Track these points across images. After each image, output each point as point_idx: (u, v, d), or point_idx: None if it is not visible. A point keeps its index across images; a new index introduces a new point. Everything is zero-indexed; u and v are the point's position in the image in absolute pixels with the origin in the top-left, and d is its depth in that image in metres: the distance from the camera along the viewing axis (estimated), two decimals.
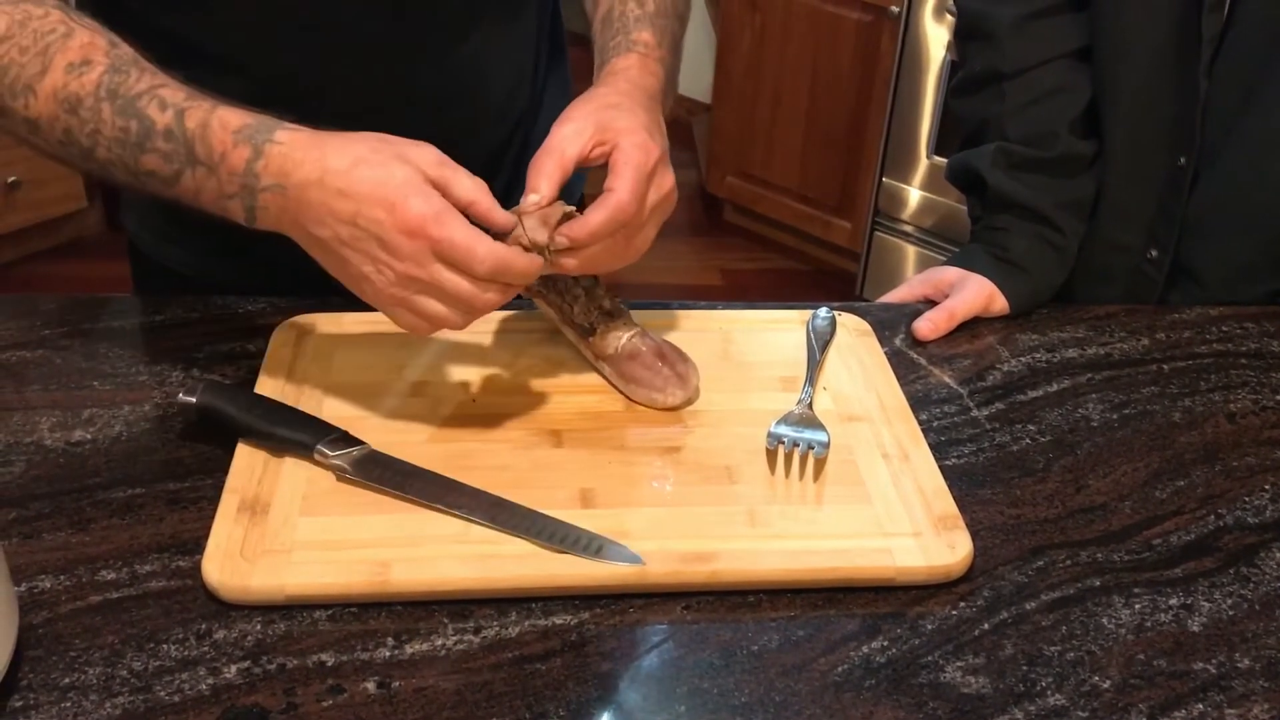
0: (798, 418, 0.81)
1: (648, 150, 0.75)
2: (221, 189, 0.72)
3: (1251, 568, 0.73)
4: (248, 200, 0.71)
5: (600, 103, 0.78)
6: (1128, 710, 0.63)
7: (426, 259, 0.68)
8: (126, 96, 0.72)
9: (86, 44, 0.73)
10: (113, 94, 0.72)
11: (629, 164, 0.74)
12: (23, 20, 0.73)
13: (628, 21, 0.85)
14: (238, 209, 0.72)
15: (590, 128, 0.75)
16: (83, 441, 0.77)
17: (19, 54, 0.72)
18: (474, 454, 0.77)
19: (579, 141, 0.75)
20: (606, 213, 0.73)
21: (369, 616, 0.66)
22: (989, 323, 0.98)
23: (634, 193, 0.73)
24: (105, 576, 0.67)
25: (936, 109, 2.41)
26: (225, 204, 0.72)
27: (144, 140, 0.72)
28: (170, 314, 0.91)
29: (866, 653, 0.66)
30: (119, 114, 0.72)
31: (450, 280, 0.69)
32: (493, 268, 0.69)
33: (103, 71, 0.72)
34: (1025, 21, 1.01)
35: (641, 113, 0.77)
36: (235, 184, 0.71)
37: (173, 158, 0.72)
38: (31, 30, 0.72)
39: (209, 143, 0.71)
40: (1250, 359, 0.95)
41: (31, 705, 0.60)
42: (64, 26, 0.73)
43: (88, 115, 0.72)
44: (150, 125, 0.71)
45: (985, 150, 1.04)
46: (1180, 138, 0.99)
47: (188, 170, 0.72)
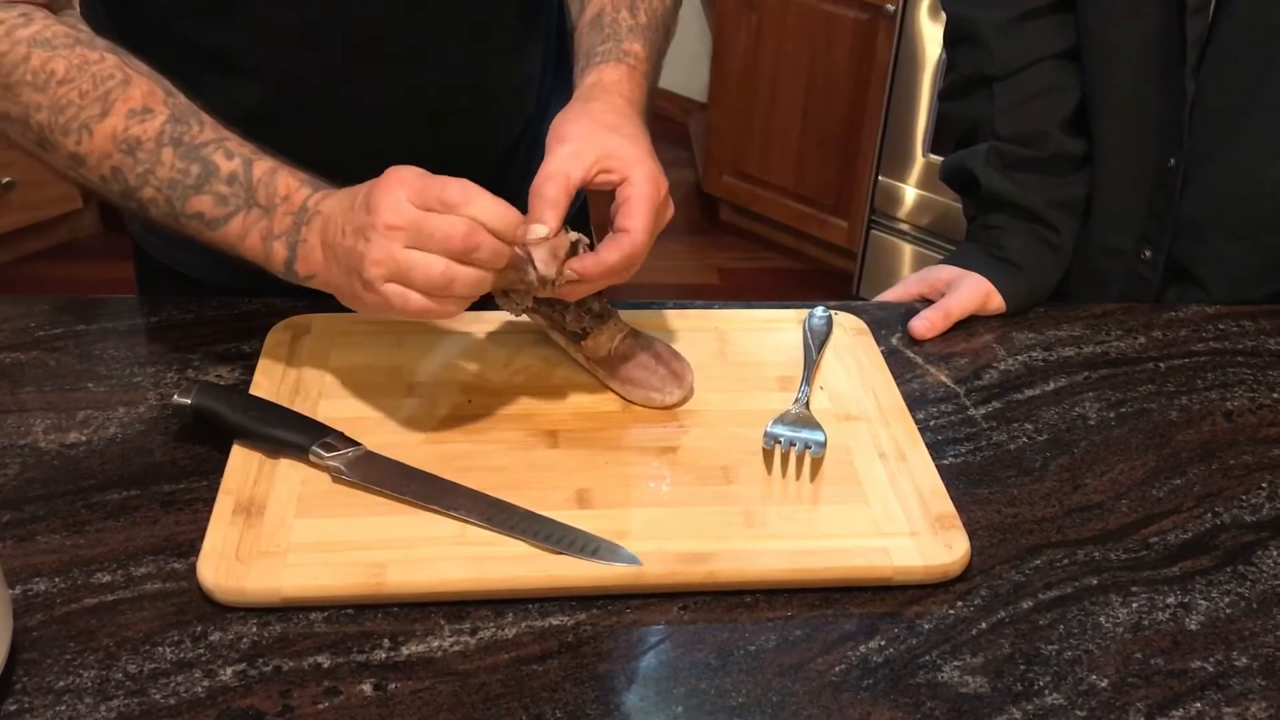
0: (794, 417, 0.80)
1: (658, 184, 0.75)
2: (272, 229, 0.75)
3: (1249, 566, 0.73)
4: (293, 238, 0.75)
5: (601, 122, 0.77)
6: (1125, 709, 0.63)
7: (403, 205, 0.68)
8: (191, 144, 0.75)
9: (147, 92, 0.76)
10: (176, 141, 0.75)
11: (643, 201, 0.73)
12: (80, 65, 0.75)
13: (620, 29, 0.84)
14: (281, 249, 0.75)
15: (592, 151, 0.74)
16: (77, 443, 0.77)
17: (78, 96, 0.75)
18: (470, 455, 0.77)
19: (581, 165, 0.74)
20: (621, 253, 0.73)
21: (365, 618, 0.66)
22: (985, 321, 0.98)
23: (648, 231, 0.73)
24: (100, 579, 0.67)
25: (932, 108, 2.41)
26: (270, 245, 0.75)
27: (202, 183, 0.75)
28: (165, 315, 0.91)
29: (864, 653, 0.65)
30: (181, 158, 0.75)
31: (425, 218, 0.68)
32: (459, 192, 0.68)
33: (165, 120, 0.76)
34: (1012, 24, 1.01)
35: (643, 138, 0.77)
36: (288, 222, 0.74)
37: (229, 200, 0.75)
38: (91, 74, 0.75)
39: (274, 186, 0.75)
40: (1247, 357, 0.95)
41: (26, 709, 0.59)
42: (121, 73, 0.76)
43: (145, 157, 0.75)
44: (214, 169, 0.75)
45: (978, 150, 1.04)
46: (1169, 140, 0.99)
47: (241, 213, 0.75)
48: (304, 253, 0.74)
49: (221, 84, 0.86)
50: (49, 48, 0.75)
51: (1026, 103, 1.02)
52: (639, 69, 0.83)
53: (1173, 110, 0.98)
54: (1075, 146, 1.03)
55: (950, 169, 1.09)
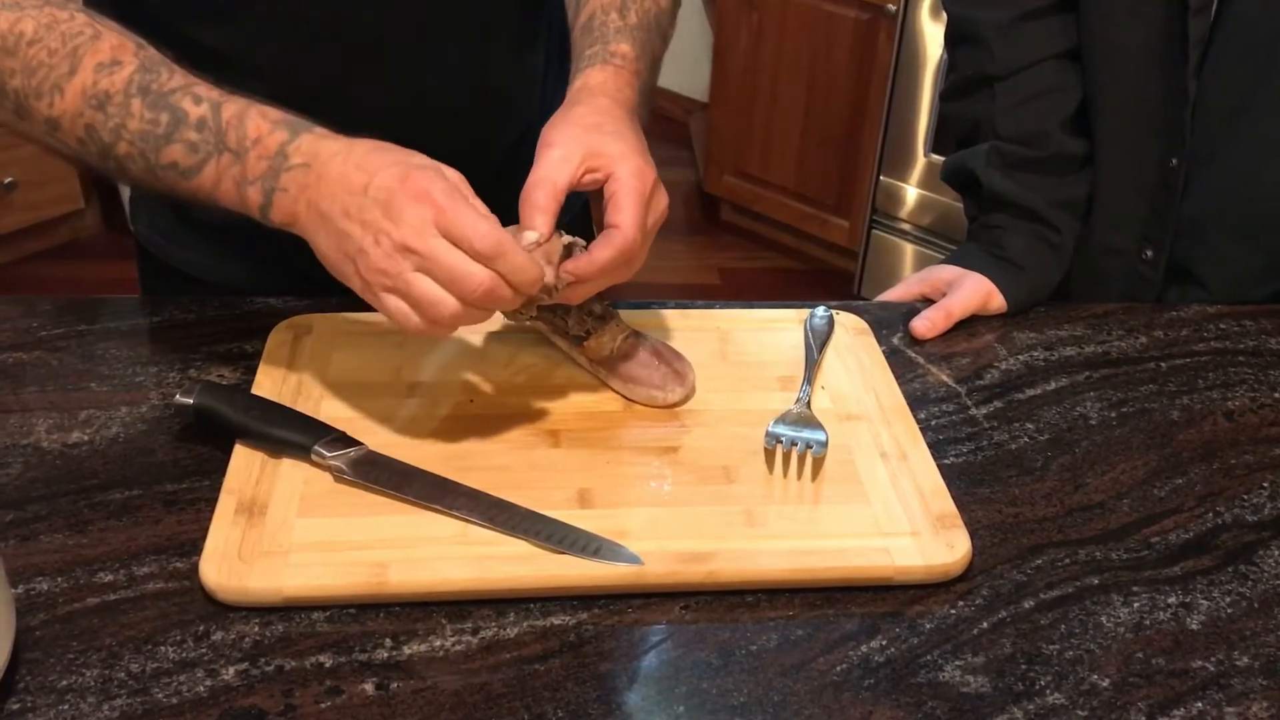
0: (796, 417, 0.81)
1: (644, 177, 0.75)
2: (245, 174, 0.72)
3: (1250, 566, 0.73)
4: (269, 184, 0.72)
5: (584, 124, 0.77)
6: (1126, 709, 0.63)
7: (428, 229, 0.67)
8: (159, 92, 0.73)
9: (116, 45, 0.74)
10: (144, 90, 0.73)
11: (630, 195, 0.73)
12: (49, 24, 0.74)
13: (607, 31, 0.84)
14: (255, 195, 0.72)
15: (579, 152, 0.74)
16: (80, 443, 0.77)
17: (48, 56, 0.73)
18: (472, 454, 0.77)
19: (568, 168, 0.74)
20: (613, 250, 0.73)
21: (367, 618, 0.66)
22: (987, 321, 0.98)
23: (638, 225, 0.73)
24: (103, 578, 0.67)
25: (934, 107, 2.41)
26: (244, 191, 0.72)
27: (172, 131, 0.73)
28: (167, 315, 0.91)
29: (865, 652, 0.65)
30: (149, 108, 0.73)
31: (446, 254, 0.67)
32: (494, 244, 0.67)
33: (133, 70, 0.73)
34: (1013, 24, 1.01)
35: (629, 134, 0.77)
36: (262, 166, 0.72)
37: (199, 147, 0.72)
38: (60, 33, 0.74)
39: (244, 129, 0.72)
40: (1248, 357, 0.95)
41: (29, 708, 0.60)
42: (91, 29, 0.74)
43: (115, 110, 0.73)
44: (183, 116, 0.72)
45: (979, 150, 1.04)
46: (1170, 140, 0.99)
47: (213, 159, 0.72)
48: (282, 201, 0.72)
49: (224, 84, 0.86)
50: (18, 9, 0.73)
51: (1028, 103, 1.02)
52: (626, 69, 0.83)
53: (1174, 110, 0.98)
54: (1076, 146, 1.03)
55: (951, 169, 1.09)
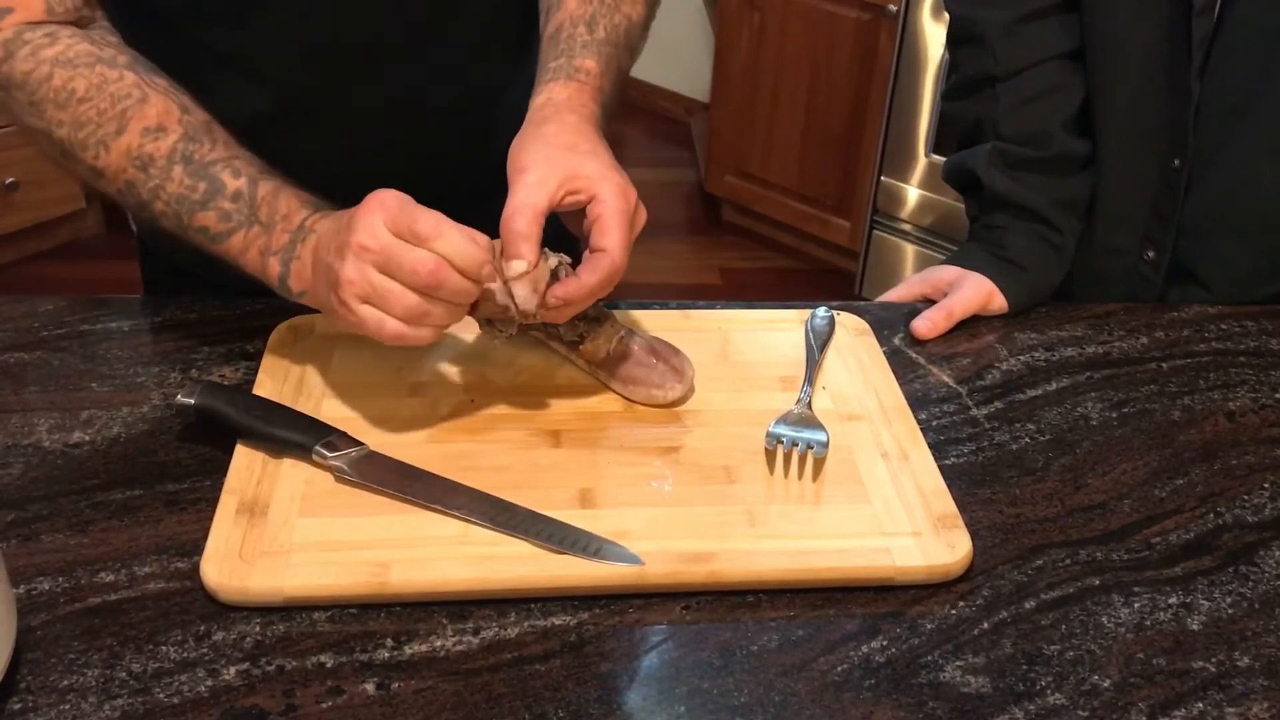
0: (797, 417, 0.81)
1: (626, 196, 0.75)
2: (270, 245, 0.76)
3: (1251, 566, 0.73)
4: (288, 254, 0.76)
5: (557, 144, 0.76)
6: (1127, 709, 0.63)
7: (380, 229, 0.69)
8: (200, 162, 0.77)
9: (162, 111, 0.77)
10: (186, 159, 0.77)
11: (614, 216, 0.74)
12: (99, 84, 0.77)
13: (574, 45, 0.84)
14: (276, 265, 0.76)
15: (555, 176, 0.74)
16: (81, 443, 0.77)
17: (96, 115, 0.77)
18: (472, 454, 0.77)
19: (546, 192, 0.74)
20: (601, 273, 0.73)
21: (368, 618, 0.66)
22: (988, 321, 0.98)
23: (624, 246, 0.74)
24: (104, 578, 0.67)
25: (935, 108, 2.41)
26: (267, 261, 0.76)
27: (208, 200, 0.77)
28: (168, 315, 0.91)
29: (866, 652, 0.66)
30: (189, 175, 0.77)
31: (395, 245, 0.69)
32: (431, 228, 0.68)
33: (177, 139, 0.77)
34: (1016, 24, 1.01)
35: (603, 152, 0.77)
36: (284, 239, 0.76)
37: (232, 216, 0.77)
38: (109, 94, 0.77)
39: (276, 205, 0.76)
40: (1249, 357, 0.95)
41: (30, 707, 0.60)
42: (139, 91, 0.78)
43: (156, 174, 0.77)
44: (220, 187, 0.77)
45: (981, 150, 1.04)
46: (1173, 141, 0.99)
47: (242, 229, 0.77)
48: (296, 269, 0.76)
49: (231, 88, 0.87)
50: (70, 67, 0.77)
51: (1030, 103, 1.02)
52: (589, 84, 0.82)
53: (1177, 111, 0.98)
54: (1078, 147, 1.03)
55: (953, 169, 1.09)
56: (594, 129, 0.79)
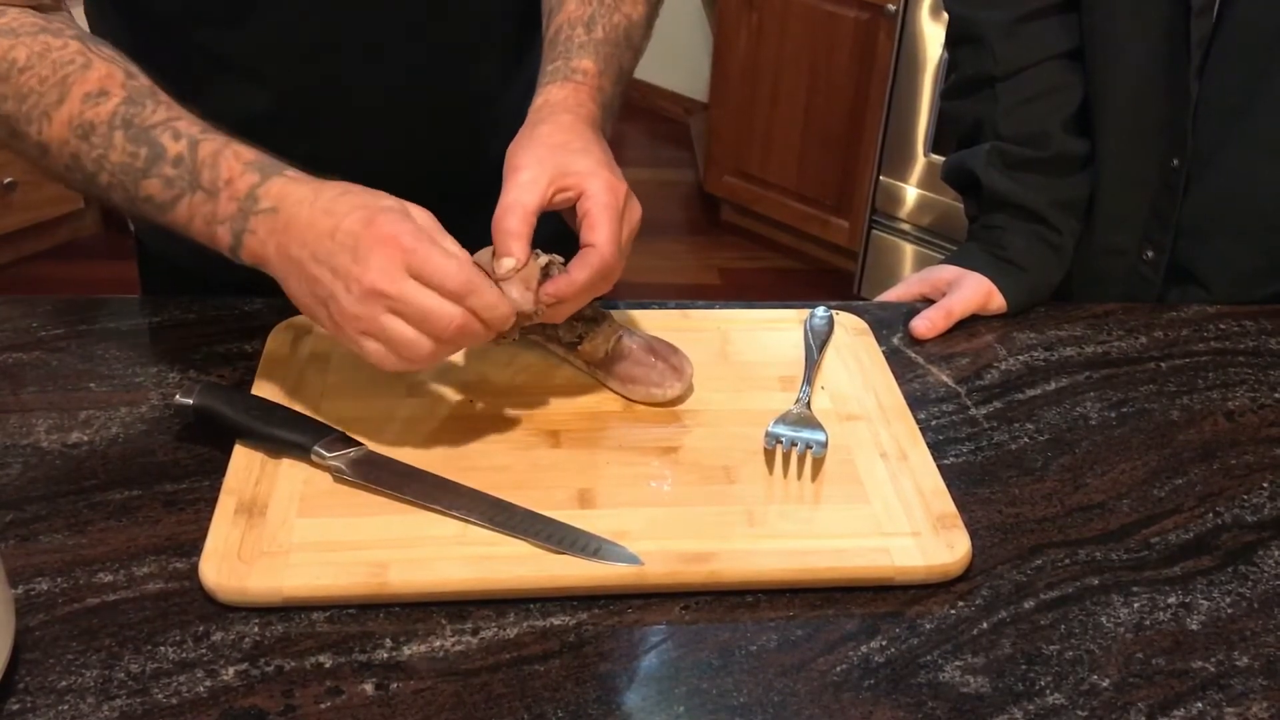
0: (796, 417, 0.81)
1: (616, 191, 0.74)
2: (216, 214, 0.73)
3: (1250, 566, 0.73)
4: (238, 225, 0.72)
5: (549, 143, 0.76)
6: (1127, 709, 0.63)
7: (397, 272, 0.68)
8: (140, 126, 0.74)
9: (104, 75, 0.74)
10: (127, 123, 0.74)
11: (603, 211, 0.73)
12: (42, 51, 0.74)
13: (571, 47, 0.84)
14: (225, 235, 0.73)
15: (546, 174, 0.74)
16: (79, 443, 0.77)
17: (38, 83, 0.74)
18: (471, 454, 0.77)
19: (538, 190, 0.74)
20: (591, 270, 0.73)
21: (367, 618, 0.66)
22: (987, 321, 0.98)
23: (613, 241, 0.73)
24: (102, 579, 0.67)
25: (934, 107, 2.41)
26: (214, 229, 0.73)
27: (150, 166, 0.73)
28: (167, 315, 0.91)
29: (865, 652, 0.65)
30: (130, 141, 0.73)
31: (417, 294, 0.68)
32: (464, 283, 0.68)
33: (119, 102, 0.74)
34: (1015, 24, 1.01)
35: (595, 149, 0.77)
36: (232, 208, 0.72)
37: (175, 183, 0.73)
38: (51, 61, 0.74)
39: (218, 169, 0.73)
40: (1248, 357, 0.95)
41: (29, 708, 0.60)
42: (82, 57, 0.75)
43: (98, 141, 0.74)
44: (161, 152, 0.73)
45: (980, 150, 1.04)
46: (1172, 140, 0.99)
47: (187, 195, 0.73)
48: (250, 243, 0.72)
49: (229, 89, 0.87)
50: (13, 36, 0.75)
51: (1029, 103, 1.02)
52: (587, 84, 0.82)
53: (1176, 111, 0.98)
54: (1077, 147, 1.03)
55: (952, 169, 1.09)
56: (589, 127, 0.79)
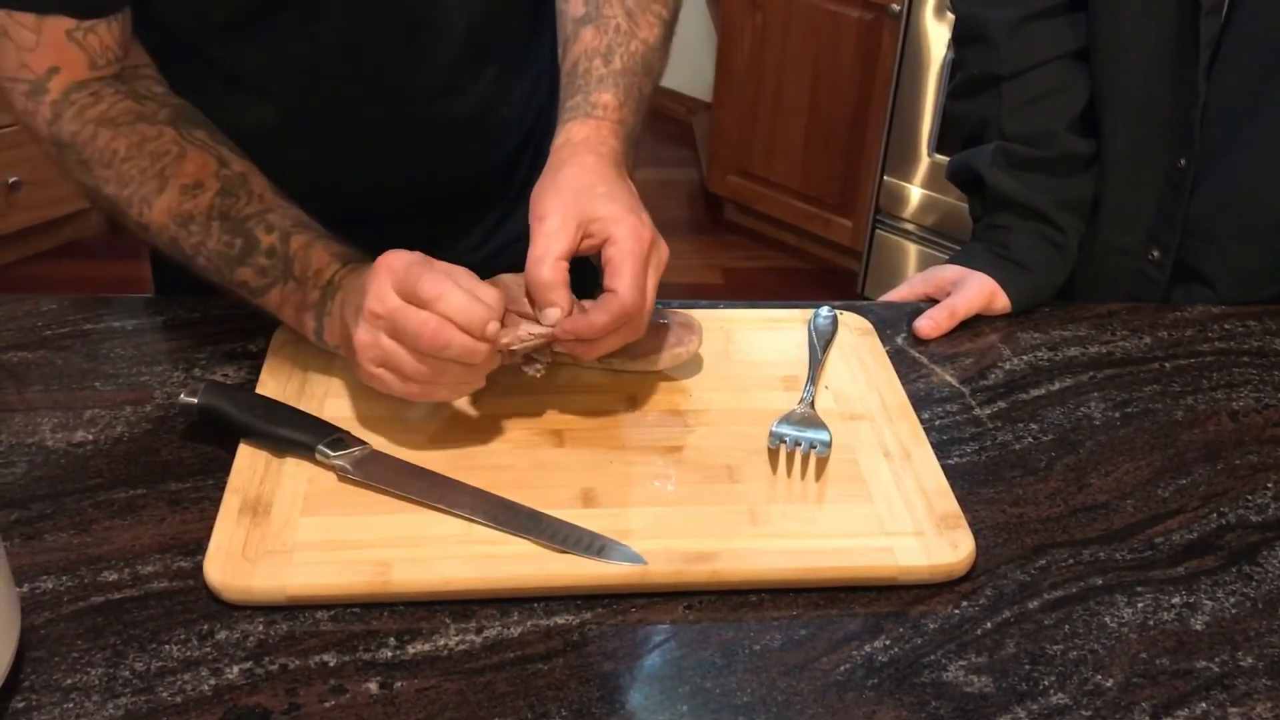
0: (799, 417, 0.81)
1: (641, 237, 0.74)
2: (304, 300, 0.77)
3: (1254, 566, 0.73)
4: (320, 310, 0.77)
5: (573, 188, 0.75)
6: (1131, 709, 0.63)
7: (386, 293, 0.70)
8: (235, 218, 0.78)
9: (199, 167, 0.79)
10: (223, 215, 0.78)
11: (627, 258, 0.73)
12: (140, 142, 0.79)
13: (590, 81, 0.83)
14: (309, 320, 0.78)
15: (573, 220, 0.74)
16: (84, 442, 0.77)
17: (138, 173, 0.79)
18: (475, 454, 0.77)
19: (565, 238, 0.73)
20: (609, 315, 0.73)
21: (371, 617, 0.66)
22: (990, 321, 0.98)
23: (635, 289, 0.73)
24: (107, 577, 0.67)
25: (937, 107, 2.41)
26: (302, 316, 0.78)
27: (245, 255, 0.78)
28: (172, 314, 0.91)
29: (869, 652, 0.65)
30: (226, 232, 0.78)
31: (402, 310, 0.69)
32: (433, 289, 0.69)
33: (214, 194, 0.79)
34: (1021, 24, 1.01)
35: (620, 192, 0.76)
36: (315, 295, 0.77)
37: (268, 272, 0.78)
38: (148, 153, 0.79)
39: (307, 261, 0.77)
40: (1253, 357, 0.95)
41: (34, 706, 0.60)
42: (177, 148, 0.79)
43: (196, 230, 0.79)
44: (255, 244, 0.78)
45: (985, 150, 1.04)
46: (1180, 140, 0.99)
47: (279, 284, 0.78)
48: (329, 325, 0.77)
49: (240, 103, 0.88)
50: (113, 126, 0.79)
51: (1034, 103, 1.02)
52: (608, 120, 0.81)
53: (1184, 111, 0.98)
54: (1083, 147, 1.03)
55: (957, 168, 1.09)
56: (612, 167, 0.78)
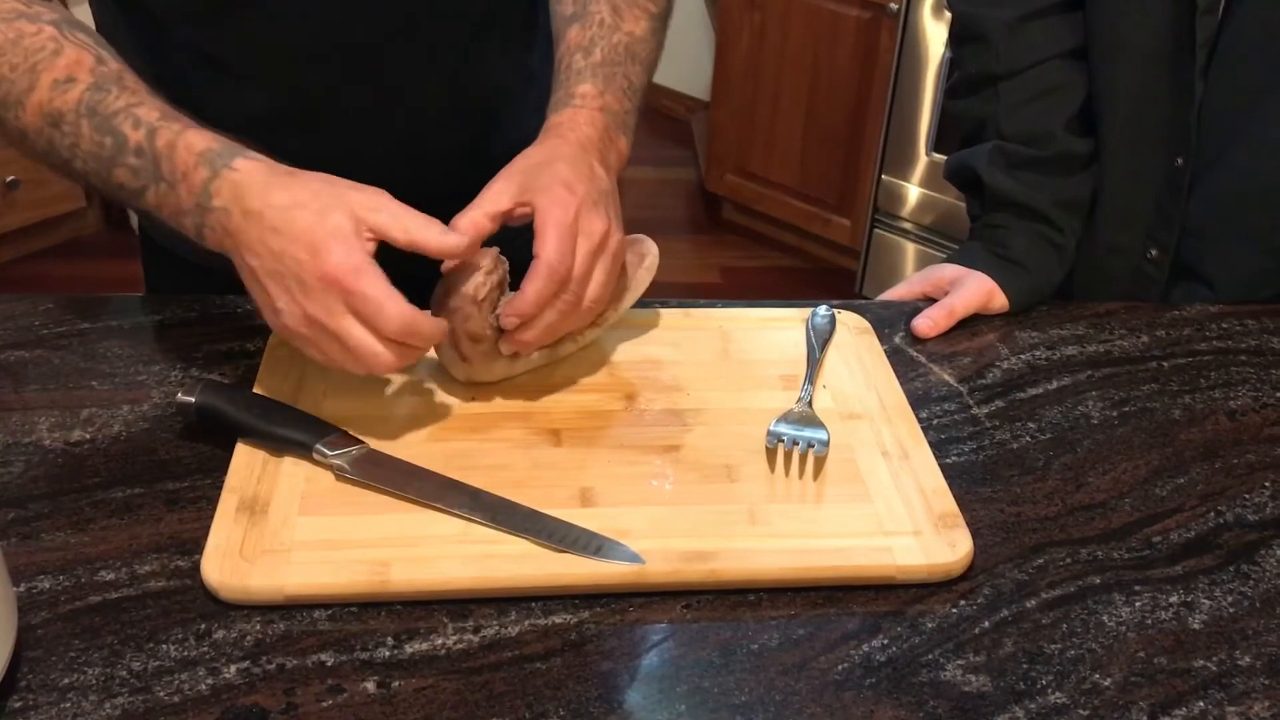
0: (797, 416, 0.81)
1: (564, 204, 0.75)
2: (179, 205, 0.74)
3: (1252, 565, 0.73)
4: (197, 219, 0.74)
5: (524, 164, 0.78)
6: (1128, 708, 0.63)
7: (338, 308, 0.70)
8: (104, 114, 0.74)
9: (73, 61, 0.75)
10: (92, 111, 0.74)
11: (547, 222, 0.74)
12: (15, 38, 0.75)
13: (570, 75, 0.85)
14: (190, 226, 0.74)
15: (514, 188, 0.77)
16: (81, 441, 0.77)
17: (9, 70, 0.75)
18: (473, 453, 0.77)
19: (501, 199, 0.76)
20: (539, 279, 0.74)
21: (368, 616, 0.66)
22: (989, 320, 0.98)
23: (559, 249, 0.74)
24: (104, 577, 0.67)
25: (936, 106, 2.41)
26: (180, 220, 0.75)
27: (116, 155, 0.74)
28: (169, 313, 0.91)
29: (867, 651, 0.65)
30: (96, 130, 0.74)
31: (355, 334, 0.70)
32: (400, 327, 0.70)
33: (84, 89, 0.74)
34: (1018, 23, 1.01)
35: (562, 166, 0.77)
36: (191, 201, 0.73)
37: (140, 173, 0.74)
38: (23, 48, 0.75)
39: (174, 161, 0.73)
40: (1250, 356, 0.95)
41: (31, 706, 0.60)
42: (54, 44, 0.75)
43: (68, 129, 0.75)
44: (123, 141, 0.74)
45: (982, 149, 1.04)
46: (1177, 139, 0.99)
47: (152, 186, 0.74)
48: (210, 238, 0.74)
49: (227, 90, 0.87)
50: None
51: (1032, 102, 1.02)
52: (586, 107, 0.83)
53: (1181, 110, 0.98)
54: (1080, 146, 1.03)
55: (955, 167, 1.09)
56: (574, 148, 0.80)
